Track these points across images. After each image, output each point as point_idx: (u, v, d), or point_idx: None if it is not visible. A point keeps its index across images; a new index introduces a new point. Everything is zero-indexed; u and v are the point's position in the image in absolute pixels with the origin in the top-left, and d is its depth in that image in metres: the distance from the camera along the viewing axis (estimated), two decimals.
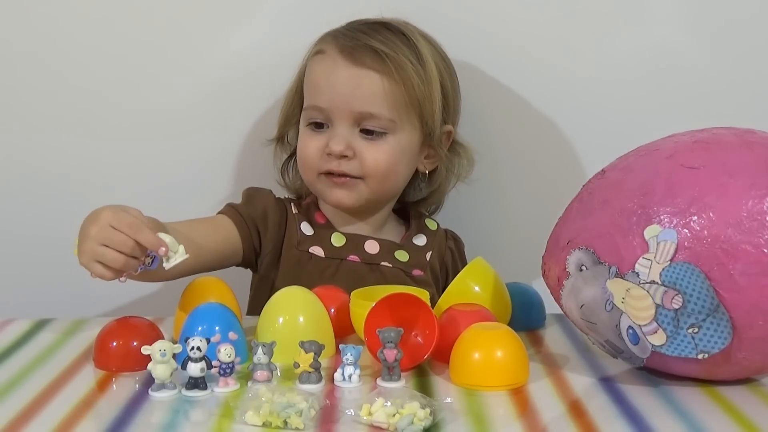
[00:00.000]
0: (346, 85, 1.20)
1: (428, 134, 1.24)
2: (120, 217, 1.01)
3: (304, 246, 1.26)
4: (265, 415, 0.80)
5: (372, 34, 1.22)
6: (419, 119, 1.23)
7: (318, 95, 1.23)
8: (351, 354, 0.91)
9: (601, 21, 1.37)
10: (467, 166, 1.34)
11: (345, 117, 1.21)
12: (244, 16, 1.37)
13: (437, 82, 1.23)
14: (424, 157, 1.29)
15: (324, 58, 1.23)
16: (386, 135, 1.22)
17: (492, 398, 0.88)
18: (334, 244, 1.27)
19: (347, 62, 1.21)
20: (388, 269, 1.27)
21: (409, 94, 1.21)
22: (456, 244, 1.36)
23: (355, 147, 1.22)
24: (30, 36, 1.36)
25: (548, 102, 1.38)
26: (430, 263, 1.30)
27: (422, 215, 1.35)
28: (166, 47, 1.37)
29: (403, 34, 1.23)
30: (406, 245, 1.30)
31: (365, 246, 1.27)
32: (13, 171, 1.40)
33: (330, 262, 1.26)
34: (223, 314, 0.98)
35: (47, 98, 1.38)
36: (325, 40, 1.26)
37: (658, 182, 0.86)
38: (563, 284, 0.92)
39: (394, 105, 1.21)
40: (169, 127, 1.39)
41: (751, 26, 1.37)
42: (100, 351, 0.98)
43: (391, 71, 1.20)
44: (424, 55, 1.23)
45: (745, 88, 1.37)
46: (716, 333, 0.83)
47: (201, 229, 1.21)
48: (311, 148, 1.23)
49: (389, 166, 1.23)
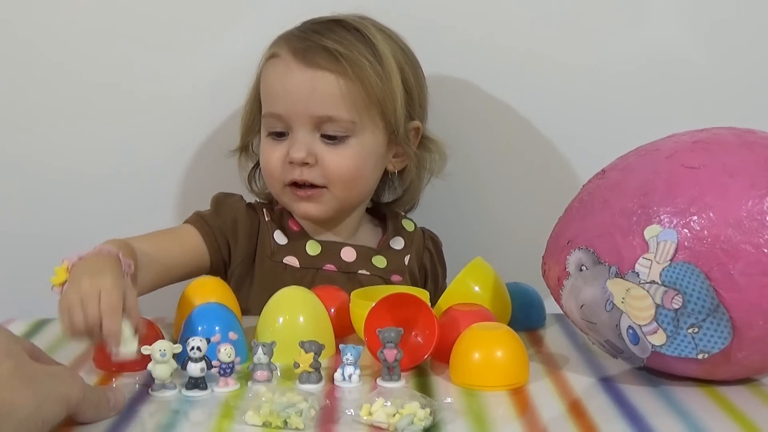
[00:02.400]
0: (302, 89, 1.16)
1: (393, 133, 1.20)
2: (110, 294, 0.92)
3: (278, 257, 1.23)
4: (265, 415, 0.80)
5: (325, 33, 1.18)
6: (382, 118, 1.19)
7: (274, 102, 1.19)
8: (351, 354, 0.91)
9: (601, 21, 1.37)
10: (439, 161, 1.30)
11: (304, 122, 1.17)
12: (245, 16, 1.37)
13: (397, 77, 1.19)
14: (393, 156, 1.25)
15: (277, 62, 1.20)
16: (348, 138, 1.18)
17: (492, 398, 0.88)
18: (309, 253, 1.24)
19: (300, 65, 1.17)
20: (366, 277, 1.24)
21: (368, 93, 1.16)
22: (434, 244, 1.34)
23: (317, 153, 1.18)
24: (29, 34, 1.36)
25: (548, 102, 1.38)
26: (408, 267, 1.27)
27: (398, 215, 1.32)
28: (166, 46, 1.38)
29: (358, 31, 1.19)
30: (383, 250, 1.27)
31: (341, 254, 1.24)
32: (13, 171, 1.40)
33: (306, 272, 1.23)
34: (223, 314, 0.98)
35: (47, 98, 1.38)
36: (278, 43, 1.22)
37: (658, 182, 0.86)
38: (563, 284, 0.92)
39: (353, 105, 1.17)
40: (169, 126, 1.40)
41: (751, 26, 1.37)
42: (100, 351, 0.97)
43: (346, 71, 1.16)
44: (381, 51, 1.18)
45: (745, 88, 1.37)
46: (716, 333, 0.83)
47: (167, 245, 1.18)
48: (273, 159, 1.20)
49: (353, 171, 1.19)
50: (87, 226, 1.40)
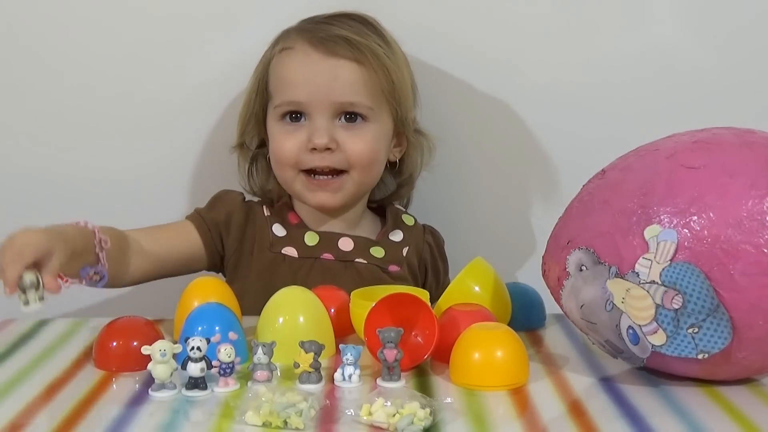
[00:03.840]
0: (324, 77, 1.19)
1: (400, 121, 1.23)
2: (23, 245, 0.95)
3: (276, 248, 1.24)
4: (265, 415, 0.80)
5: (338, 24, 1.21)
6: (393, 105, 1.22)
7: (294, 90, 1.20)
8: (351, 354, 0.91)
9: (601, 20, 1.37)
10: (428, 153, 1.32)
11: (324, 109, 1.19)
12: (244, 18, 1.37)
13: (406, 67, 1.24)
14: (393, 146, 1.28)
15: (294, 53, 1.21)
16: (366, 123, 1.21)
17: (492, 398, 0.88)
18: (307, 244, 1.25)
19: (321, 54, 1.19)
20: (363, 266, 1.25)
21: (386, 81, 1.20)
22: (434, 239, 1.34)
23: (338, 138, 1.20)
24: (28, 38, 1.36)
25: (548, 101, 1.38)
26: (407, 258, 1.28)
27: (398, 211, 1.34)
28: (165, 48, 1.37)
29: (367, 22, 1.23)
30: (381, 241, 1.28)
31: (339, 243, 1.26)
32: (12, 171, 1.40)
33: (303, 261, 1.24)
34: (223, 314, 0.98)
35: (47, 99, 1.38)
36: (288, 36, 1.23)
37: (658, 182, 0.86)
38: (563, 284, 0.92)
39: (373, 92, 1.20)
40: (168, 127, 1.39)
41: (751, 26, 1.36)
42: (100, 351, 0.98)
43: (367, 59, 1.19)
44: (391, 42, 1.23)
45: (745, 88, 1.37)
46: (716, 333, 0.83)
47: (162, 237, 1.21)
48: (288, 146, 1.21)
49: (372, 154, 1.22)
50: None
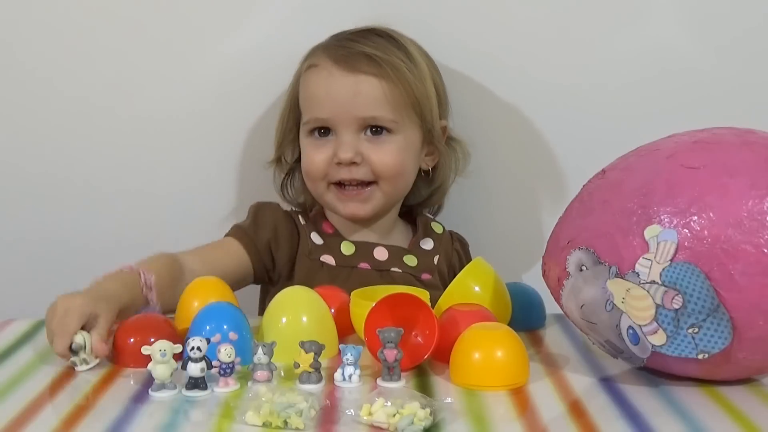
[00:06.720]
0: (346, 94, 1.22)
1: (428, 131, 1.26)
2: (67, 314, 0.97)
3: (315, 255, 1.27)
4: (265, 415, 0.80)
5: (361, 40, 1.24)
6: (419, 117, 1.24)
7: (318, 107, 1.23)
8: (351, 354, 0.91)
9: (602, 21, 1.37)
10: (462, 159, 1.35)
11: (349, 124, 1.22)
12: (245, 18, 1.37)
13: (429, 78, 1.25)
14: (425, 155, 1.30)
15: (318, 71, 1.24)
16: (392, 135, 1.23)
17: (492, 398, 0.88)
18: (344, 253, 1.28)
19: (343, 71, 1.22)
20: (398, 274, 1.28)
21: (408, 94, 1.22)
22: (462, 246, 1.37)
23: (363, 152, 1.23)
24: (28, 41, 1.36)
25: (548, 102, 1.38)
26: (438, 267, 1.31)
27: (428, 219, 1.36)
28: (166, 52, 1.37)
29: (391, 37, 1.25)
30: (414, 250, 1.31)
31: (374, 253, 1.28)
32: (13, 173, 1.40)
33: (341, 270, 1.27)
34: (232, 313, 0.98)
35: (47, 100, 1.38)
36: (315, 54, 1.27)
37: (658, 182, 0.86)
38: (563, 284, 0.92)
39: (395, 106, 1.22)
40: (171, 133, 1.39)
41: (751, 26, 1.36)
42: (117, 347, 0.98)
43: (387, 74, 1.21)
44: (414, 55, 1.25)
45: (745, 88, 1.37)
46: (716, 333, 0.83)
47: (212, 259, 1.23)
48: (317, 160, 1.24)
49: (398, 165, 1.24)
50: (87, 227, 1.40)
